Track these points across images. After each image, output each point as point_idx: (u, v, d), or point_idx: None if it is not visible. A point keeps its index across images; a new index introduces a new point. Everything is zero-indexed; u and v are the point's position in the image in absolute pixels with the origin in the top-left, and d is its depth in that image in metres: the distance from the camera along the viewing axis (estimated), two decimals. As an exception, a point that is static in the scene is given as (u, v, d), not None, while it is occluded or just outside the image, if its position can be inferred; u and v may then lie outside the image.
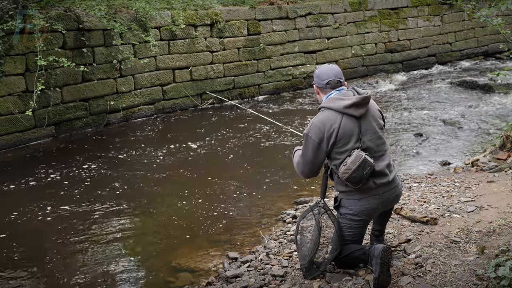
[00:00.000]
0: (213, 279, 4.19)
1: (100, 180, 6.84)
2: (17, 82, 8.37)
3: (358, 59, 13.66)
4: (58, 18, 8.67)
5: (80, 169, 7.26)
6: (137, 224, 5.54)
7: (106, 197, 6.28)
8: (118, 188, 6.54)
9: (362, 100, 3.58)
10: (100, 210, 5.89)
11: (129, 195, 6.33)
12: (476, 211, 4.58)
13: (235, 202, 5.99)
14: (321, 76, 3.73)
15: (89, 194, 6.37)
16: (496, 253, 3.51)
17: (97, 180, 6.86)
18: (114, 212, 5.81)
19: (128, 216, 5.74)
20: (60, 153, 8.12)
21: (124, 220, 5.64)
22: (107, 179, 6.89)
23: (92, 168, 7.32)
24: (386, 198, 3.68)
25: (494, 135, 7.68)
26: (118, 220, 5.62)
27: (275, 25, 12.03)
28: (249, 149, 8.00)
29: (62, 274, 4.55)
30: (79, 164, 7.49)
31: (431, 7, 14.96)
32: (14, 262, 4.77)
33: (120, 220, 5.63)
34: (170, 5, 10.50)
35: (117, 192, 6.42)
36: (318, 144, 3.59)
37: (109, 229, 5.39)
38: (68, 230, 5.40)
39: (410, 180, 5.99)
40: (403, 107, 10.50)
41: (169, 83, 10.54)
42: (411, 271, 3.62)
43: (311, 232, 3.79)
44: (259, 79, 11.90)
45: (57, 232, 5.38)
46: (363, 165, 3.49)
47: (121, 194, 6.35)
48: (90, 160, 7.65)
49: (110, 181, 6.79)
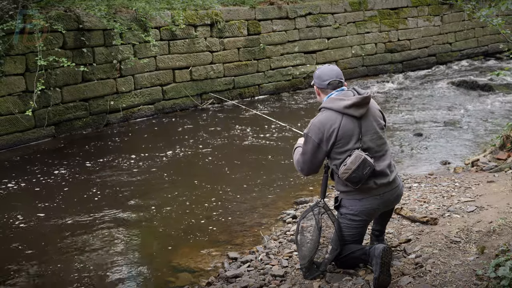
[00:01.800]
0: (213, 279, 4.19)
1: (100, 180, 6.83)
2: (17, 82, 8.36)
3: (358, 59, 13.66)
4: (58, 18, 8.67)
5: (80, 169, 7.26)
6: (137, 224, 5.54)
7: (106, 197, 6.28)
8: (118, 188, 6.54)
9: (362, 100, 3.58)
10: (100, 210, 5.88)
11: (129, 195, 6.33)
12: (476, 211, 4.58)
13: (235, 202, 5.99)
14: (322, 77, 3.73)
15: (89, 194, 6.37)
16: (496, 253, 3.51)
17: (97, 180, 6.85)
18: (114, 213, 5.81)
19: (129, 216, 5.73)
20: (60, 153, 8.12)
21: (124, 220, 5.63)
22: (107, 179, 6.88)
23: (92, 168, 7.32)
24: (386, 199, 3.68)
25: (494, 135, 7.68)
26: (118, 220, 5.62)
27: (275, 25, 12.03)
28: (249, 149, 8.00)
29: (61, 274, 4.55)
30: (79, 164, 7.49)
31: (431, 7, 14.95)
32: (14, 262, 4.77)
33: (120, 220, 5.62)
34: (170, 5, 10.50)
35: (117, 193, 6.41)
36: (318, 144, 3.60)
37: (109, 230, 5.39)
38: (68, 230, 5.39)
39: (410, 180, 5.99)
40: (403, 107, 10.50)
41: (169, 83, 10.54)
42: (411, 271, 3.63)
43: (311, 232, 3.79)
44: (259, 79, 11.90)
45: (57, 232, 5.38)
46: (363, 165, 3.49)
47: (121, 195, 6.35)
48: (90, 160, 7.64)
49: (110, 181, 6.79)
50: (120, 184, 6.67)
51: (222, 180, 6.75)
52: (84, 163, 7.52)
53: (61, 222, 5.61)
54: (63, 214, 5.82)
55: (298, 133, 4.82)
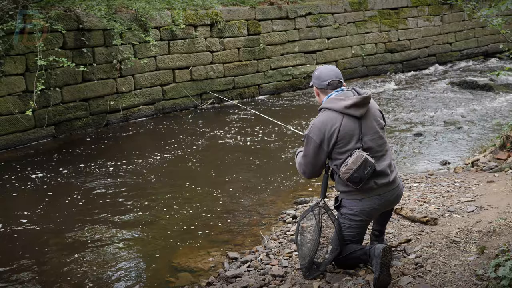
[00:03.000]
0: (213, 279, 4.19)
1: (100, 181, 6.83)
2: (17, 82, 8.36)
3: (358, 59, 13.66)
4: (58, 18, 8.67)
5: (80, 169, 7.26)
6: (138, 224, 5.54)
7: (106, 197, 6.28)
8: (118, 189, 6.54)
9: (363, 100, 3.58)
10: (100, 210, 5.89)
11: (129, 195, 6.32)
12: (476, 211, 4.59)
13: (235, 202, 5.99)
14: (322, 77, 3.73)
15: (88, 195, 6.37)
16: (496, 253, 3.51)
17: (97, 180, 6.85)
18: (114, 213, 5.81)
19: (128, 216, 5.73)
20: (60, 153, 8.12)
21: (124, 220, 5.63)
22: (107, 179, 6.88)
23: (92, 168, 7.32)
24: (387, 199, 3.68)
25: (494, 135, 7.68)
26: (118, 220, 5.62)
27: (275, 25, 12.03)
28: (250, 149, 8.00)
29: (61, 274, 4.55)
30: (79, 164, 7.49)
31: (431, 7, 14.96)
32: (14, 263, 4.77)
33: (120, 220, 5.63)
34: (170, 5, 10.50)
35: (117, 193, 6.41)
36: (319, 145, 3.60)
37: (109, 230, 5.39)
38: (68, 230, 5.39)
39: (410, 180, 5.99)
40: (403, 107, 10.50)
41: (169, 83, 10.54)
42: (411, 271, 3.62)
43: (311, 232, 3.79)
44: (259, 79, 11.90)
45: (57, 232, 5.38)
46: (364, 165, 3.49)
47: (121, 195, 6.35)
48: (90, 160, 7.64)
49: (110, 182, 6.79)
50: (120, 184, 6.67)
51: (222, 180, 6.75)
52: (84, 163, 7.52)
53: (60, 223, 5.60)
54: (62, 214, 5.83)
55: (297, 133, 4.82)
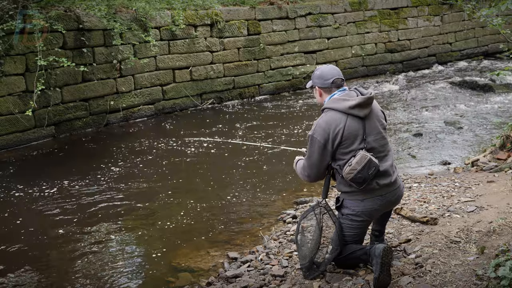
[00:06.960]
0: (213, 279, 4.19)
1: (100, 181, 6.83)
2: (17, 82, 8.36)
3: (358, 59, 13.66)
4: (58, 18, 8.67)
5: (80, 169, 7.25)
6: (137, 224, 5.54)
7: (106, 197, 6.28)
8: (118, 189, 6.54)
9: (366, 101, 3.57)
10: (100, 210, 5.89)
11: (129, 195, 6.32)
12: (476, 211, 4.59)
13: (235, 202, 5.99)
14: (325, 76, 3.71)
15: (88, 195, 6.36)
16: (496, 253, 3.51)
17: (97, 180, 6.85)
18: (114, 213, 5.81)
19: (128, 216, 5.73)
20: (60, 153, 8.12)
21: (124, 220, 5.64)
22: (107, 179, 6.88)
23: (92, 168, 7.31)
24: (388, 199, 3.68)
25: (494, 135, 7.68)
26: (118, 220, 5.62)
27: (275, 25, 12.03)
28: (250, 149, 7.99)
29: (62, 274, 4.55)
30: (79, 164, 7.49)
31: (431, 7, 14.96)
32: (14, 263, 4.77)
33: (120, 220, 5.63)
34: (170, 5, 10.50)
35: (117, 193, 6.41)
36: (324, 145, 3.57)
37: (109, 230, 5.39)
38: (68, 231, 5.39)
39: (410, 180, 5.99)
40: (403, 107, 10.50)
41: (169, 83, 10.54)
42: (411, 271, 3.62)
43: (312, 232, 3.79)
44: (259, 79, 11.90)
45: (57, 232, 5.38)
46: (368, 165, 3.48)
47: (121, 195, 6.34)
48: (90, 160, 7.64)
49: (110, 181, 6.79)
50: (120, 184, 6.67)
51: (223, 180, 6.75)
52: (84, 163, 7.52)
53: (60, 223, 5.60)
54: (62, 214, 5.82)
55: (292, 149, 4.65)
